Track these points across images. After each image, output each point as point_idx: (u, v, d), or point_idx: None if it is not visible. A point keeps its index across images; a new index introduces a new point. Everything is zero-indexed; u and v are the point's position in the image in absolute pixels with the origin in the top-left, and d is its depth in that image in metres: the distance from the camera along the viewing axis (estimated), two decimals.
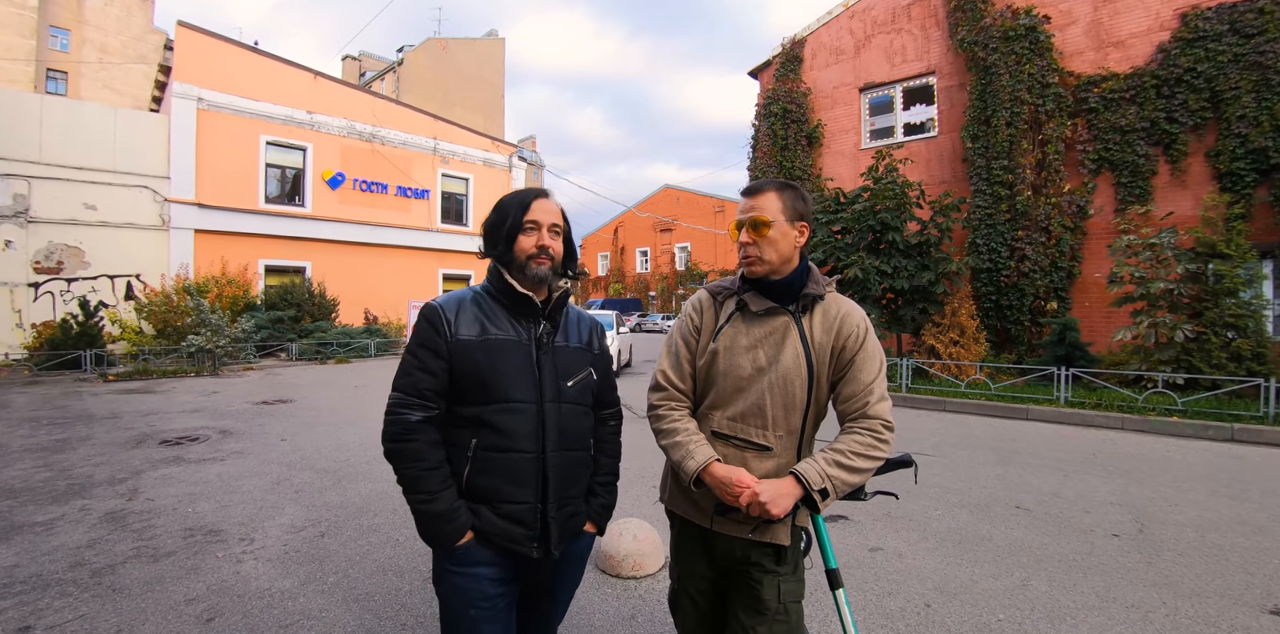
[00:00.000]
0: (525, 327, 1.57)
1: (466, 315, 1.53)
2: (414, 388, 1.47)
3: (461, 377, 1.49)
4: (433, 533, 1.47)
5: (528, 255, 1.54)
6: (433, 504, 1.43)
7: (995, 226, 11.30)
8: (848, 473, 1.42)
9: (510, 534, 1.48)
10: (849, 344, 1.52)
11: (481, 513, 1.48)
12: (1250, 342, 7.82)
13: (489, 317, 1.54)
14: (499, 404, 1.48)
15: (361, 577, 3.14)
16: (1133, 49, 10.51)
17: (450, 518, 1.44)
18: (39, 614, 2.72)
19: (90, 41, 34.06)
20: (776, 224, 1.53)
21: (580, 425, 1.63)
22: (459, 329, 1.50)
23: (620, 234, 45.81)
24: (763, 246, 1.54)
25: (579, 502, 1.62)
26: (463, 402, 1.50)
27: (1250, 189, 9.23)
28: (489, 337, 1.51)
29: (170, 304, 13.61)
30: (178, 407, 8.34)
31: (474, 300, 1.57)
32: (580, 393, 1.63)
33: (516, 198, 1.58)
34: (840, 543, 3.62)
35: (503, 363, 1.50)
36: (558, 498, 1.53)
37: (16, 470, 5.08)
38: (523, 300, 1.55)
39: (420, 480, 1.44)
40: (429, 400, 1.48)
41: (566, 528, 1.57)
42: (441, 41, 41.71)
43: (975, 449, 6.20)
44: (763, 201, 1.55)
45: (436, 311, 1.52)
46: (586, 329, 1.73)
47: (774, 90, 15.11)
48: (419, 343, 1.51)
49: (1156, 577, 3.20)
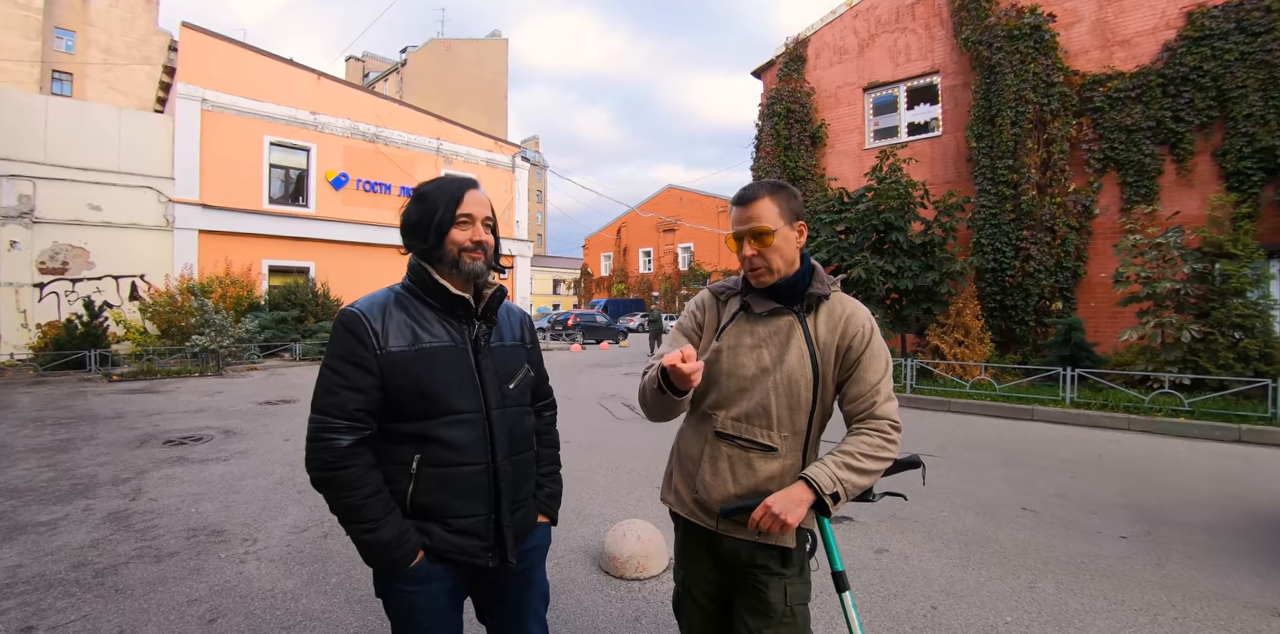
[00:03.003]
0: (458, 329, 1.44)
1: (394, 322, 1.38)
2: (340, 409, 1.32)
3: (398, 392, 1.35)
4: (381, 560, 1.36)
5: (461, 249, 1.40)
6: (379, 532, 1.31)
7: (1000, 226, 11.25)
8: (858, 475, 1.40)
9: (464, 548, 1.40)
10: (855, 344, 1.50)
11: (432, 531, 1.38)
12: (1258, 342, 7.77)
13: (418, 321, 1.40)
14: (444, 417, 1.37)
15: (364, 578, 3.12)
16: (1138, 48, 10.46)
17: (399, 544, 1.33)
18: (42, 614, 2.71)
19: (95, 43, 34.23)
20: (779, 231, 1.49)
21: (526, 427, 1.57)
22: (388, 339, 1.35)
23: (623, 234, 45.78)
24: (769, 256, 1.49)
25: (529, 501, 1.57)
26: (402, 418, 1.37)
27: (1257, 188, 9.17)
28: (422, 345, 1.38)
29: (174, 304, 13.65)
30: (181, 407, 8.35)
31: (398, 303, 1.42)
32: (521, 393, 1.56)
33: (444, 189, 1.43)
34: (845, 544, 3.60)
35: (443, 372, 1.38)
36: (510, 505, 1.46)
37: (21, 470, 5.09)
38: (457, 302, 1.43)
39: (363, 510, 1.31)
40: (359, 421, 1.33)
41: (520, 531, 1.51)
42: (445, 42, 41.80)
43: (980, 450, 6.16)
44: (759, 210, 1.48)
45: (358, 319, 1.35)
46: (518, 323, 1.63)
47: (777, 90, 15.08)
48: (342, 357, 1.34)
49: (1165, 579, 3.16)
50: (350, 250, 18.43)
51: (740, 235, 1.51)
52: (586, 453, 5.81)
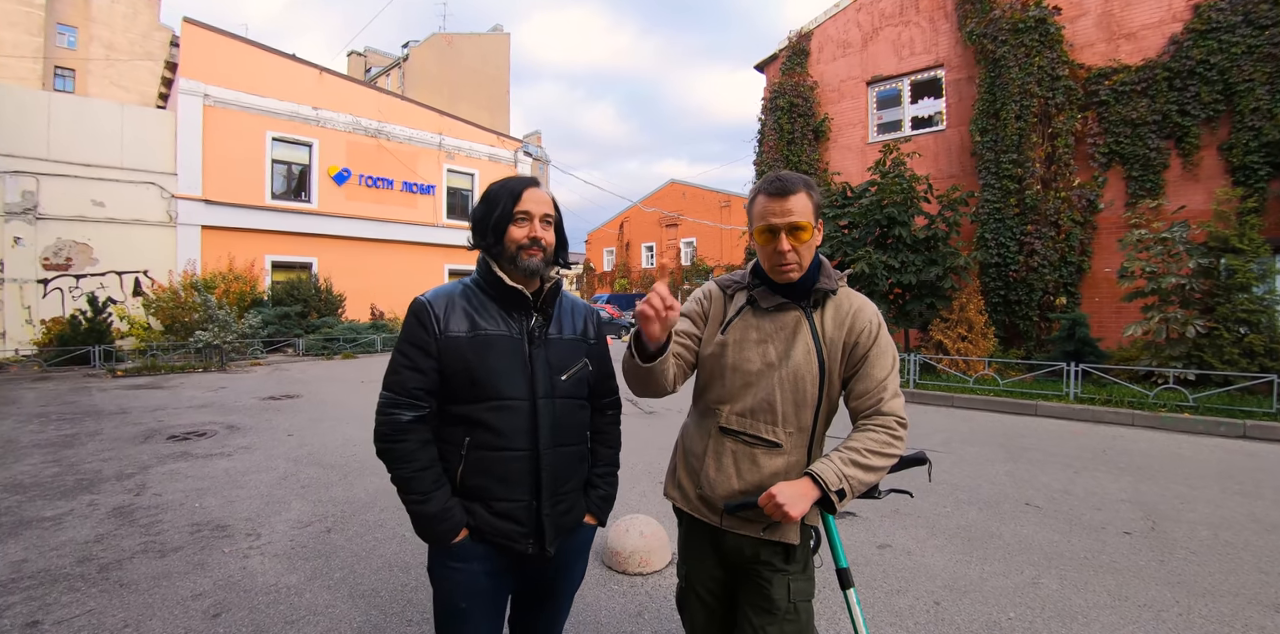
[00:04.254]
0: (516, 320, 1.52)
1: (456, 310, 1.48)
2: (403, 387, 1.44)
3: (452, 374, 1.45)
4: (428, 532, 1.46)
5: (519, 246, 1.48)
6: (426, 505, 1.42)
7: (1004, 221, 11.19)
8: (864, 472, 1.39)
9: (504, 531, 1.47)
10: (862, 340, 1.49)
11: (476, 511, 1.47)
12: (1263, 337, 7.72)
13: (478, 311, 1.50)
14: (491, 402, 1.45)
15: (367, 572, 3.13)
16: (1144, 41, 10.36)
17: (444, 518, 1.43)
18: (47, 609, 2.73)
19: (97, 39, 34.17)
20: (809, 227, 1.45)
21: (575, 420, 1.59)
22: (448, 325, 1.46)
23: (626, 229, 45.67)
24: (802, 253, 1.47)
25: (576, 496, 1.60)
26: (454, 400, 1.47)
27: (1264, 183, 9.10)
28: (479, 332, 1.47)
29: (178, 300, 13.66)
30: (185, 402, 8.38)
31: (463, 294, 1.53)
32: (575, 386, 1.58)
33: (506, 187, 1.52)
34: (849, 540, 3.60)
35: (493, 359, 1.46)
36: (551, 495, 1.51)
37: (26, 465, 5.11)
38: (512, 293, 1.50)
39: (413, 481, 1.42)
40: (419, 399, 1.44)
41: (562, 524, 1.55)
42: (446, 37, 41.67)
43: (984, 446, 6.15)
44: (797, 204, 1.43)
45: (424, 307, 1.47)
46: (581, 318, 1.67)
47: (780, 84, 14.99)
48: (407, 340, 1.47)
49: (1169, 575, 3.16)
50: (353, 246, 18.41)
51: (776, 229, 1.45)
52: None
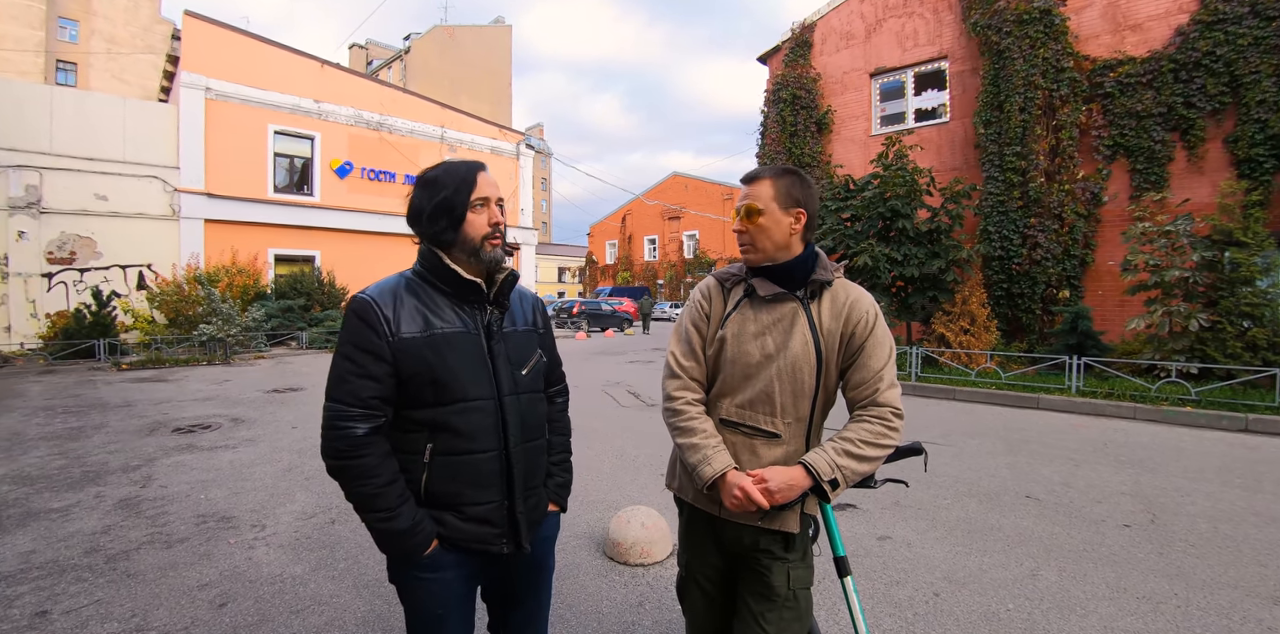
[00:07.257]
0: (470, 314, 1.42)
1: (405, 308, 1.36)
2: (356, 397, 1.30)
3: (411, 379, 1.33)
4: (396, 549, 1.36)
5: (483, 236, 1.38)
6: (394, 521, 1.31)
7: (1007, 214, 11.15)
8: (857, 462, 1.41)
9: (478, 536, 1.41)
10: (858, 330, 1.51)
11: (446, 520, 1.38)
12: (1266, 331, 7.71)
13: (429, 307, 1.38)
14: (456, 404, 1.36)
15: (371, 563, 3.16)
16: (1150, 32, 10.28)
17: (415, 532, 1.33)
18: (55, 599, 2.76)
19: (99, 32, 34.12)
20: (768, 212, 1.52)
21: (538, 413, 1.56)
22: (400, 325, 1.33)
23: (628, 222, 45.62)
24: (754, 234, 1.54)
25: (541, 489, 1.57)
26: (415, 405, 1.36)
27: (1269, 176, 9.04)
28: (434, 331, 1.36)
29: (182, 294, 13.71)
30: (190, 395, 8.42)
31: (409, 289, 1.40)
32: (534, 380, 1.54)
33: (453, 172, 1.40)
34: (849, 531, 3.62)
35: (454, 359, 1.36)
36: (524, 492, 1.46)
37: (33, 458, 5.15)
38: (469, 287, 1.40)
39: (378, 498, 1.30)
40: (374, 409, 1.31)
41: (533, 519, 1.52)
42: (448, 29, 41.51)
43: (985, 438, 6.17)
44: (757, 189, 1.54)
45: (369, 306, 1.33)
46: (530, 307, 1.60)
47: (783, 76, 14.91)
48: (353, 344, 1.32)
49: (1168, 567, 3.17)
50: (355, 239, 18.43)
51: (737, 211, 1.58)
52: (591, 440, 5.84)
